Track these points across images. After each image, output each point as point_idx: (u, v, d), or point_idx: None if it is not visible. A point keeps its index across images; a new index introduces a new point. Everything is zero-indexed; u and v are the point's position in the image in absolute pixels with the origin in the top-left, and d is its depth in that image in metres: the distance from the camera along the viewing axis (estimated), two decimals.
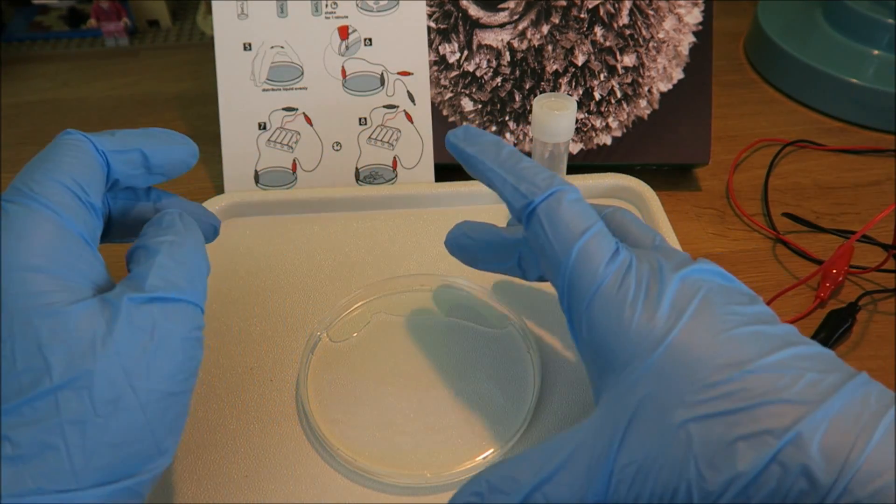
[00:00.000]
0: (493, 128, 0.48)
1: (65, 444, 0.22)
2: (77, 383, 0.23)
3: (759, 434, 0.22)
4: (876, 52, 0.56)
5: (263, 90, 0.46)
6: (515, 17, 0.47)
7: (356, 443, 0.33)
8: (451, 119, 0.47)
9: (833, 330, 0.38)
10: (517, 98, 0.48)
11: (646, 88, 0.48)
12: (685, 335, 0.24)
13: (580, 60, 0.47)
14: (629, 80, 0.47)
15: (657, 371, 0.24)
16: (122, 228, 0.30)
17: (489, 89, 0.47)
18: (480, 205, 0.46)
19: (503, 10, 0.47)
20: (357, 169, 0.47)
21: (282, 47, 0.46)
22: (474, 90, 0.47)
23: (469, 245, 0.35)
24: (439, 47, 0.47)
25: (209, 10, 0.68)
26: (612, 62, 0.47)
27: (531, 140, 0.47)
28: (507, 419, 0.34)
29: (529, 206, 0.28)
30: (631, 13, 0.47)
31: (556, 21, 0.47)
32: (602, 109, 0.48)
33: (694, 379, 0.24)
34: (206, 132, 0.56)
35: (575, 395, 0.35)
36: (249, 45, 0.46)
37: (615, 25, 0.47)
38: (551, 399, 0.35)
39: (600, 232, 0.27)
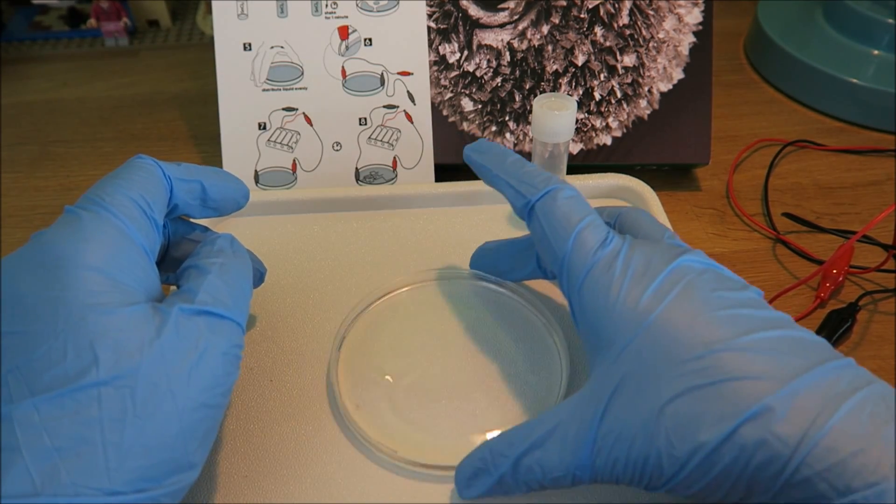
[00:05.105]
0: (493, 128, 0.48)
1: (102, 440, 0.23)
2: (121, 381, 0.23)
3: (722, 408, 0.24)
4: (876, 52, 0.56)
5: (263, 90, 0.46)
6: (515, 17, 0.47)
7: (387, 430, 0.33)
8: (451, 119, 0.48)
9: (833, 330, 0.38)
10: (517, 98, 0.47)
11: (646, 88, 0.48)
12: (666, 316, 0.26)
13: (580, 60, 0.47)
14: (629, 80, 0.47)
15: (638, 349, 0.26)
16: (173, 258, 0.33)
17: (489, 89, 0.47)
18: (480, 205, 0.46)
19: (503, 10, 0.47)
20: (357, 169, 0.47)
21: (282, 47, 0.46)
22: (474, 90, 0.47)
23: (490, 257, 0.38)
24: (439, 47, 0.47)
25: (209, 10, 0.68)
26: (612, 62, 0.47)
27: (531, 140, 0.47)
28: (538, 404, 0.34)
29: (528, 204, 0.31)
30: (631, 13, 0.47)
31: (556, 21, 0.47)
32: (602, 109, 0.48)
33: (670, 357, 0.25)
34: (206, 132, 0.56)
35: None
36: (249, 45, 0.46)
37: (615, 25, 0.47)
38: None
39: (593, 223, 0.29)
